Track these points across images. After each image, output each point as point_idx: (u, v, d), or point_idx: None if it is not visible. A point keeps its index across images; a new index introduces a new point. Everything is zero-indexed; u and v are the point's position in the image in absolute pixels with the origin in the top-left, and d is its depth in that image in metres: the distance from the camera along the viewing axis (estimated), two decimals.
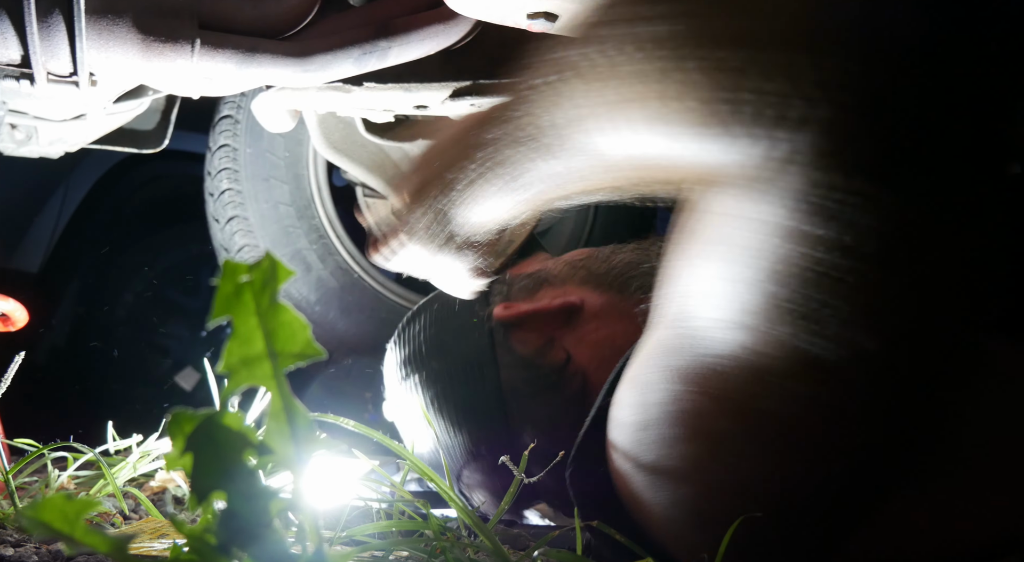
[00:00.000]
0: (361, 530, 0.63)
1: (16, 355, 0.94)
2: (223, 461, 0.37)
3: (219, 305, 0.35)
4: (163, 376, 2.93)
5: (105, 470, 0.94)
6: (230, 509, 0.37)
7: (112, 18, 0.91)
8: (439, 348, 0.89)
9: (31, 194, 2.52)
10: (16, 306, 1.10)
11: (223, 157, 1.80)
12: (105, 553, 0.35)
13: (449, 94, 1.10)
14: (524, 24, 0.90)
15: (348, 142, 1.59)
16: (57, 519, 0.34)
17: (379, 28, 0.99)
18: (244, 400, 1.05)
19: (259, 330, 0.36)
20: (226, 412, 0.37)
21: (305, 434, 0.38)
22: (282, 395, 0.38)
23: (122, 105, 1.13)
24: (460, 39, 1.02)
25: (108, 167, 2.63)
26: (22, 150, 1.21)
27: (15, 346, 0.96)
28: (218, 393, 1.02)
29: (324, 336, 1.80)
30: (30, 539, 0.76)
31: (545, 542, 0.61)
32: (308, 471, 0.38)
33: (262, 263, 0.35)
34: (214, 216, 1.83)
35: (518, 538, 0.80)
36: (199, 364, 2.87)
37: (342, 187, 1.95)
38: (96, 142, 1.28)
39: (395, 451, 0.64)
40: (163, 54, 0.93)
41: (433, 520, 0.62)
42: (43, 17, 0.89)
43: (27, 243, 2.51)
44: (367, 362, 1.82)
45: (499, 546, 0.56)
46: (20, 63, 0.93)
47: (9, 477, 0.87)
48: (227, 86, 1.03)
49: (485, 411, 0.84)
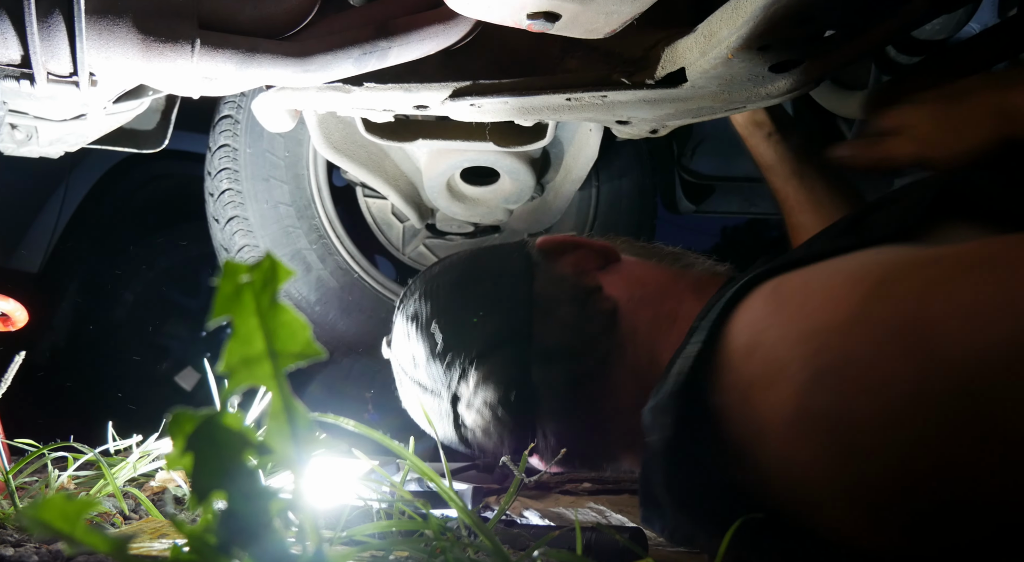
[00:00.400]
0: (361, 530, 0.63)
1: (16, 355, 0.94)
2: (223, 461, 0.37)
3: (219, 305, 0.35)
4: (163, 376, 2.94)
5: (105, 470, 0.94)
6: (230, 509, 0.37)
7: (112, 18, 0.91)
8: (468, 272, 0.92)
9: (31, 194, 2.52)
10: (16, 306, 1.10)
11: (223, 157, 1.80)
12: (105, 553, 0.35)
13: (449, 94, 1.10)
14: (524, 24, 0.90)
15: (348, 142, 1.59)
16: (57, 519, 0.34)
17: (379, 28, 0.99)
18: (244, 400, 1.05)
19: (259, 330, 0.36)
20: (226, 412, 0.37)
21: (305, 434, 0.38)
22: (282, 395, 0.38)
23: (122, 105, 1.13)
24: (460, 39, 1.02)
25: (108, 167, 2.64)
26: (22, 150, 1.21)
27: (15, 346, 0.96)
28: (218, 393, 1.02)
29: (324, 336, 1.80)
30: (30, 539, 0.76)
31: (545, 542, 0.61)
32: (308, 471, 0.38)
33: (262, 263, 0.35)
34: (214, 216, 1.83)
35: (518, 538, 0.80)
36: (199, 364, 2.87)
37: (342, 187, 1.95)
38: (96, 142, 1.28)
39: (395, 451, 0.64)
40: (163, 54, 0.93)
41: (433, 520, 0.62)
42: (43, 17, 0.90)
43: (27, 243, 2.51)
44: (367, 362, 1.82)
45: (499, 546, 0.56)
46: (20, 63, 0.93)
47: (9, 477, 0.87)
48: (227, 86, 1.03)
49: (509, 309, 0.84)
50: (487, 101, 1.09)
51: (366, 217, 1.97)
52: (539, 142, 1.46)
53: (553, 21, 0.89)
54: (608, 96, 1.06)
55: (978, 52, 1.08)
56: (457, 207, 1.66)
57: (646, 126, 1.21)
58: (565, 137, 1.69)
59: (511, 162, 1.55)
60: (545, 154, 1.71)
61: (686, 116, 1.13)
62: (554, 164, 1.74)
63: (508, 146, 1.47)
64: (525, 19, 0.89)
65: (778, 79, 0.98)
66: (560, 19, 0.89)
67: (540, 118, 1.20)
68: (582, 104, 1.09)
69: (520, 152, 1.53)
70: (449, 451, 0.91)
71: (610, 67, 1.07)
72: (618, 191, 2.03)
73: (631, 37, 1.06)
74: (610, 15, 0.89)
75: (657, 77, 1.01)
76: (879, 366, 0.49)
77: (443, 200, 1.64)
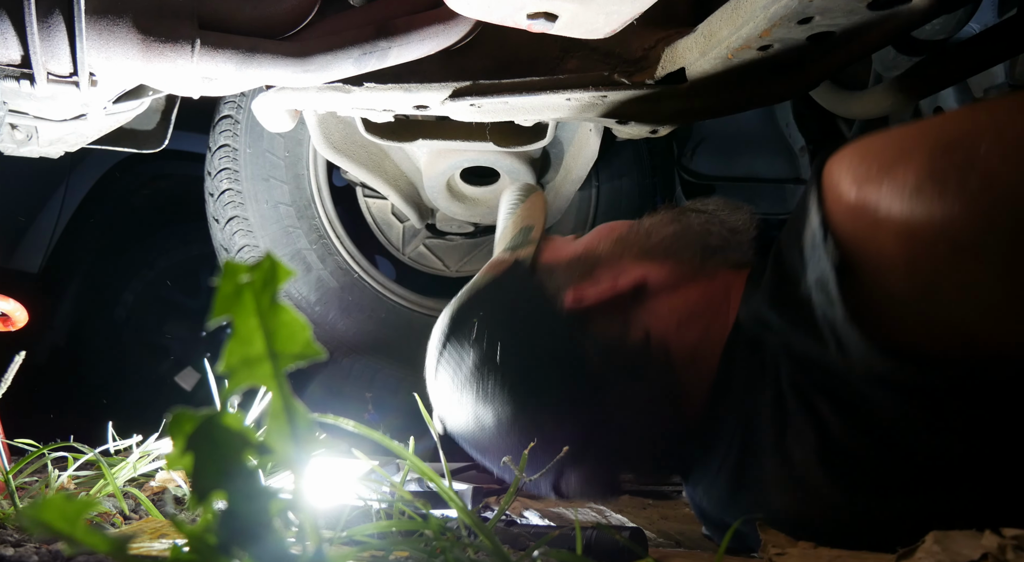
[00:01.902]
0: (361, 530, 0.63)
1: (16, 355, 0.94)
2: (223, 461, 0.37)
3: (219, 305, 0.35)
4: (163, 376, 2.94)
5: (105, 470, 0.94)
6: (230, 509, 0.37)
7: (112, 18, 0.91)
8: (514, 348, 0.85)
9: (31, 194, 2.52)
10: (16, 306, 1.10)
11: (223, 157, 1.80)
12: (105, 553, 0.35)
13: (449, 94, 1.10)
14: (524, 24, 0.90)
15: (348, 142, 1.59)
16: (57, 519, 0.34)
17: (379, 28, 0.99)
18: (244, 400, 1.05)
19: (259, 330, 0.36)
20: (226, 412, 0.37)
21: (305, 434, 0.38)
22: (282, 395, 0.38)
23: (122, 105, 1.13)
24: (460, 39, 1.02)
25: (108, 167, 2.64)
26: (22, 150, 1.21)
27: (15, 346, 0.96)
28: (218, 393, 1.02)
29: (324, 336, 1.80)
30: (30, 539, 0.76)
31: (545, 542, 0.61)
32: (308, 471, 0.38)
33: (262, 263, 0.35)
34: (214, 216, 1.83)
35: (518, 538, 0.81)
36: (199, 364, 2.88)
37: (342, 187, 1.95)
38: (96, 142, 1.28)
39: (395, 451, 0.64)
40: (163, 54, 0.93)
41: (433, 520, 0.62)
42: (43, 17, 0.90)
43: (27, 243, 2.51)
44: (367, 362, 1.82)
45: (499, 546, 0.56)
46: (20, 63, 0.93)
47: (9, 477, 0.87)
48: (227, 86, 1.03)
49: (581, 403, 0.83)
50: (487, 101, 1.09)
51: (366, 217, 1.97)
52: (539, 142, 1.46)
53: (553, 21, 0.89)
54: (608, 96, 1.05)
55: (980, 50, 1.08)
56: (457, 207, 1.66)
57: (646, 126, 1.22)
58: (565, 137, 1.69)
59: (511, 162, 1.55)
60: (545, 154, 1.71)
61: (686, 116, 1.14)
62: (554, 164, 1.74)
63: (508, 146, 1.47)
64: (525, 19, 0.89)
65: (778, 79, 0.98)
66: (560, 19, 0.89)
67: (540, 118, 1.20)
68: (582, 104, 1.09)
69: (520, 152, 1.53)
70: (449, 451, 0.91)
71: (610, 67, 1.07)
72: (618, 191, 2.03)
73: (631, 37, 1.06)
74: (610, 15, 0.89)
75: (657, 77, 1.01)
76: (1007, 121, 0.57)
77: (443, 200, 1.64)
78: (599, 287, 0.85)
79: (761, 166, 2.30)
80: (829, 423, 0.67)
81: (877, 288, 0.62)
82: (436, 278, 2.00)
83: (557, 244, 0.96)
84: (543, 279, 0.89)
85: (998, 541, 0.52)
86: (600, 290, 0.85)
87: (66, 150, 1.26)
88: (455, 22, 1.00)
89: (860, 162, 0.64)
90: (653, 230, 0.91)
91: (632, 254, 0.89)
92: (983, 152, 0.56)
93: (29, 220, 2.51)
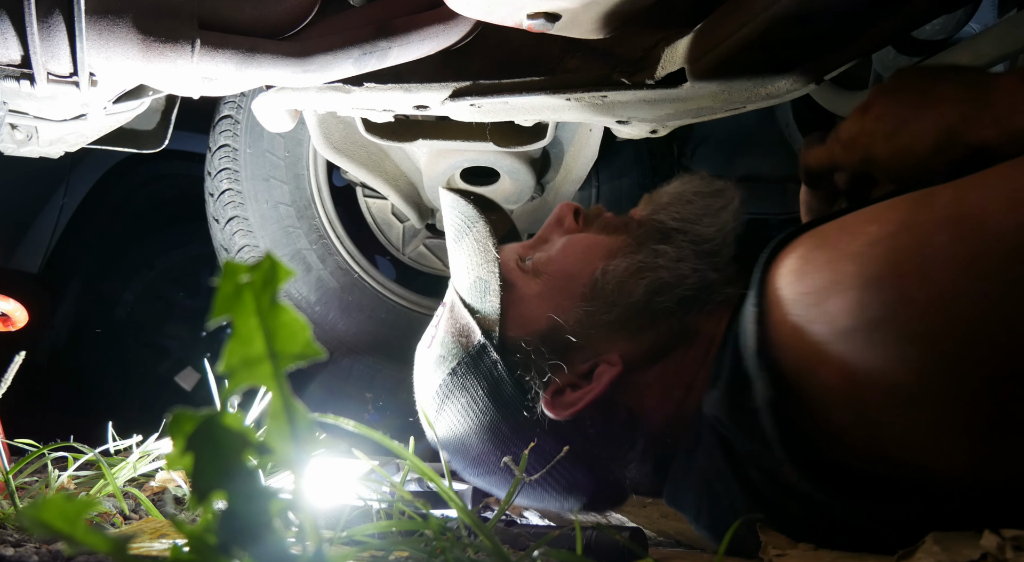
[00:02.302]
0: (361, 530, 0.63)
1: (16, 355, 0.94)
2: (223, 461, 0.37)
3: (219, 305, 0.35)
4: (163, 376, 2.94)
5: (105, 470, 0.94)
6: (230, 509, 0.37)
7: (112, 18, 0.91)
8: (496, 442, 0.86)
9: (31, 194, 2.52)
10: (16, 306, 1.10)
11: (223, 157, 1.80)
12: (105, 553, 0.35)
13: (449, 94, 1.10)
14: (524, 24, 0.90)
15: (348, 142, 1.59)
16: (57, 519, 0.34)
17: (379, 28, 0.99)
18: (244, 400, 1.05)
19: (259, 330, 0.36)
20: (226, 412, 0.37)
21: (305, 434, 0.38)
22: (282, 395, 0.38)
23: (122, 105, 1.13)
24: (460, 39, 1.02)
25: (108, 167, 2.64)
26: (22, 150, 1.21)
27: (15, 346, 0.96)
28: (218, 393, 1.02)
29: (324, 336, 1.80)
30: (30, 539, 0.76)
31: (545, 542, 0.61)
32: (308, 471, 0.38)
33: (262, 263, 0.35)
34: (214, 216, 1.83)
35: (518, 538, 0.81)
36: (199, 364, 2.88)
37: (342, 187, 1.95)
38: (96, 142, 1.28)
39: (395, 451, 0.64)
40: (163, 54, 0.93)
41: (433, 520, 0.62)
42: (43, 17, 0.90)
43: (27, 243, 2.51)
44: (367, 362, 1.82)
45: (499, 546, 0.56)
46: (20, 63, 0.93)
47: (9, 477, 0.87)
48: (227, 86, 1.03)
49: (588, 490, 0.86)
50: (487, 101, 1.09)
51: (366, 217, 1.97)
52: (539, 142, 1.46)
53: (553, 21, 0.89)
54: (608, 96, 1.05)
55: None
56: None
57: (646, 126, 1.21)
58: (565, 137, 1.69)
59: (511, 162, 1.55)
60: (545, 154, 1.71)
61: (686, 116, 1.13)
62: (554, 164, 1.74)
63: (508, 146, 1.47)
64: (525, 19, 0.89)
65: (778, 79, 0.98)
66: (560, 19, 0.89)
67: (540, 118, 1.20)
68: (582, 104, 1.09)
69: (520, 152, 1.53)
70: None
71: (610, 67, 1.07)
72: (618, 191, 2.03)
73: (631, 37, 1.06)
74: (610, 15, 0.89)
75: (657, 77, 1.01)
76: (933, 253, 0.57)
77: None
78: (578, 393, 0.81)
79: (761, 166, 2.30)
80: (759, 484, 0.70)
81: (816, 414, 0.64)
82: (436, 278, 2.00)
83: (519, 293, 0.88)
84: (517, 367, 0.84)
85: (998, 541, 0.52)
86: (581, 397, 0.81)
87: (66, 150, 1.26)
88: (455, 22, 1.00)
89: (799, 279, 0.65)
90: (620, 290, 0.84)
91: (601, 332, 0.83)
92: (911, 293, 0.57)
93: (29, 220, 2.52)
